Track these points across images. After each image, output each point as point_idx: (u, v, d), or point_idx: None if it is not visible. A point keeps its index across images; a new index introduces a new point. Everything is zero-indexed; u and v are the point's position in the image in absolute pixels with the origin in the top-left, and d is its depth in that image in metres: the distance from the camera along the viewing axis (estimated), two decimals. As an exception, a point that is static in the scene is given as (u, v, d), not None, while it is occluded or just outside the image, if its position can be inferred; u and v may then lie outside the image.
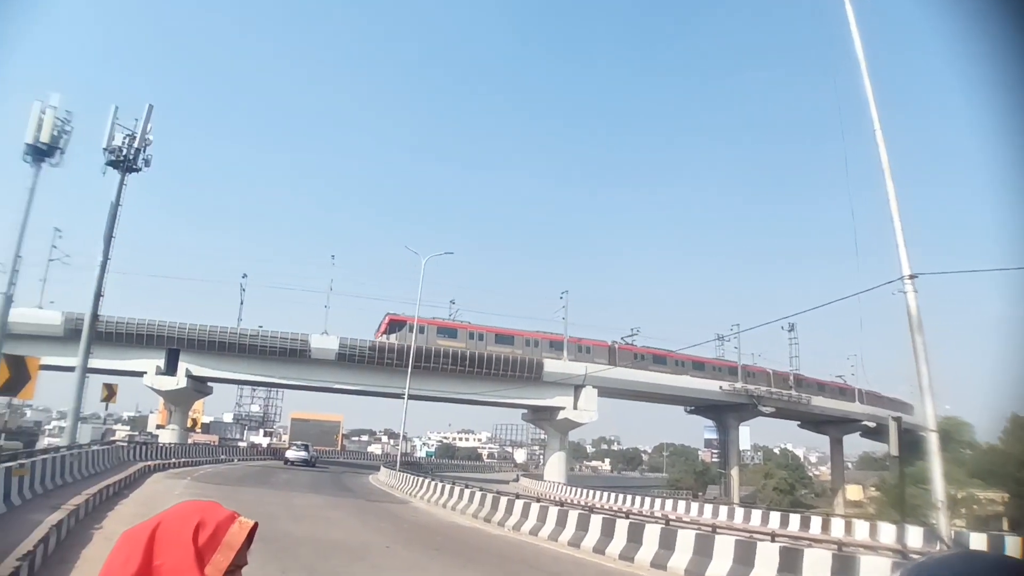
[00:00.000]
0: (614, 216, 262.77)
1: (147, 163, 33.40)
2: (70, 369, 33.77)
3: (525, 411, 70.06)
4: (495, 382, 59.78)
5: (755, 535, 19.74)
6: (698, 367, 66.90)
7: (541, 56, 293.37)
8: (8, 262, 28.27)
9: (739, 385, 67.57)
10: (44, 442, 59.81)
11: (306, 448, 57.13)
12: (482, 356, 59.67)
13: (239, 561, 1.60)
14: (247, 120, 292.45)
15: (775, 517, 35.71)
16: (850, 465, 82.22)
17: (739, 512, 38.89)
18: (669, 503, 44.98)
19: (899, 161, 19.13)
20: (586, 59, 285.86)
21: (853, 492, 68.03)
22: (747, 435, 77.29)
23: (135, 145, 32.52)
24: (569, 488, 53.90)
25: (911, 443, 20.83)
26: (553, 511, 21.47)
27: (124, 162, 32.30)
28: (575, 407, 62.34)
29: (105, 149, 32.15)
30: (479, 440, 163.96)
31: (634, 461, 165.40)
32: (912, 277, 17.64)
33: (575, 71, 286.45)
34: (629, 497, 46.33)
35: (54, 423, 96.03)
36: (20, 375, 20.82)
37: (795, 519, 34.79)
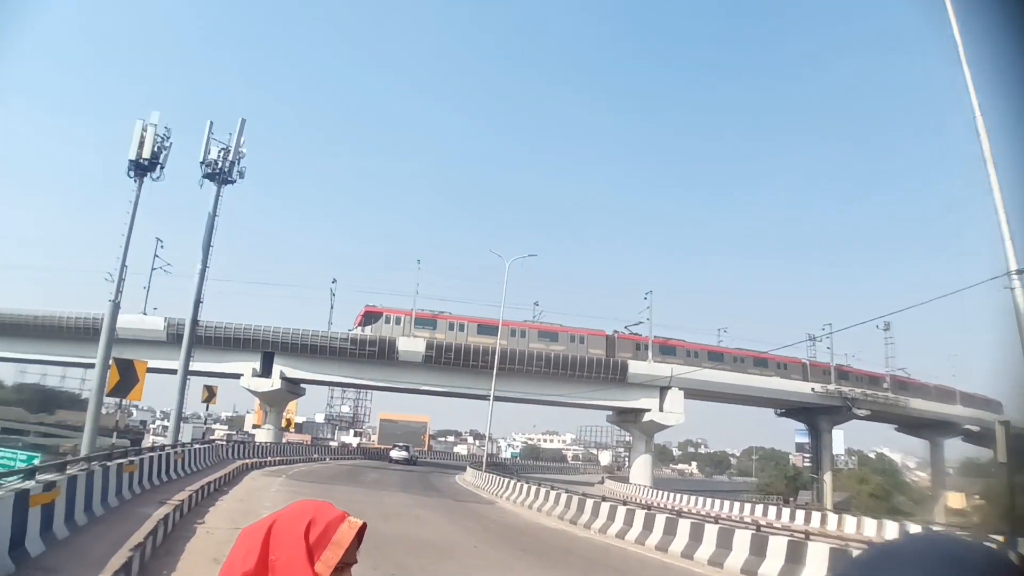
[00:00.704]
0: (701, 216, 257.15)
1: (241, 175, 34.83)
2: (172, 372, 35.46)
3: (610, 413, 69.44)
4: (579, 383, 59.58)
5: (850, 543, 19.10)
6: (716, 357, 64.52)
7: (630, 53, 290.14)
8: (115, 272, 30.02)
9: (832, 387, 65.19)
10: (149, 440, 63.00)
11: (407, 449, 63.10)
12: (566, 358, 59.56)
13: (348, 559, 1.68)
14: (337, 126, 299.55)
15: (870, 524, 34.43)
16: (951, 471, 77.96)
17: (832, 518, 37.67)
18: (759, 508, 43.97)
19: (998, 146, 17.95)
20: (671, 56, 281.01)
21: (955, 500, 64.46)
22: (841, 439, 74.23)
23: (229, 158, 33.99)
24: (655, 491, 53.29)
25: (1021, 449, 19.69)
26: (640, 514, 21.29)
27: (220, 175, 33.78)
28: (661, 409, 61.44)
29: (202, 163, 33.69)
30: (564, 441, 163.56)
31: (722, 465, 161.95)
32: (1019, 272, 16.73)
33: (663, 69, 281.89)
34: (717, 501, 45.47)
35: (158, 422, 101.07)
36: (129, 377, 22.04)
37: (892, 527, 33.42)
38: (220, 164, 33.69)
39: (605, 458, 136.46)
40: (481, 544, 17.79)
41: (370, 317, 60.95)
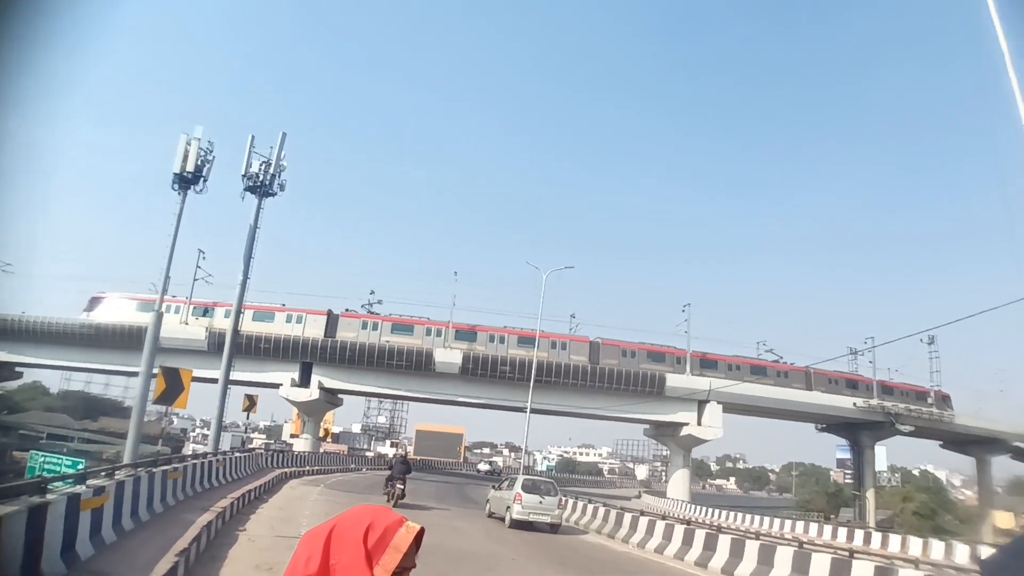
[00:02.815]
0: (737, 227, 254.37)
1: (282, 188, 35.27)
2: (213, 380, 35.94)
3: (647, 426, 68.66)
4: (616, 396, 59.14)
5: (896, 561, 18.65)
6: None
7: (662, 60, 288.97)
8: (159, 283, 30.65)
9: (875, 402, 63.83)
10: (189, 448, 64.08)
11: (491, 463, 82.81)
12: (603, 370, 59.18)
13: (406, 564, 1.70)
14: (378, 138, 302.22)
15: (916, 543, 33.55)
16: (1000, 489, 75.64)
17: (876, 537, 36.84)
18: (800, 525, 43.19)
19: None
20: (705, 60, 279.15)
21: (1003, 520, 62.42)
22: (884, 455, 72.33)
23: (270, 171, 34.51)
24: (693, 506, 52.61)
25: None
26: (679, 529, 21.06)
27: (261, 187, 34.29)
28: (699, 423, 60.61)
29: (243, 176, 34.23)
30: (600, 455, 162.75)
31: (761, 480, 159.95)
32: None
33: (695, 74, 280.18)
34: (757, 518, 44.69)
35: (197, 430, 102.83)
36: (176, 386, 22.37)
37: (938, 546, 32.50)
38: (261, 177, 34.21)
39: (642, 472, 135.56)
40: (519, 557, 17.74)
41: (94, 302, 61.24)
